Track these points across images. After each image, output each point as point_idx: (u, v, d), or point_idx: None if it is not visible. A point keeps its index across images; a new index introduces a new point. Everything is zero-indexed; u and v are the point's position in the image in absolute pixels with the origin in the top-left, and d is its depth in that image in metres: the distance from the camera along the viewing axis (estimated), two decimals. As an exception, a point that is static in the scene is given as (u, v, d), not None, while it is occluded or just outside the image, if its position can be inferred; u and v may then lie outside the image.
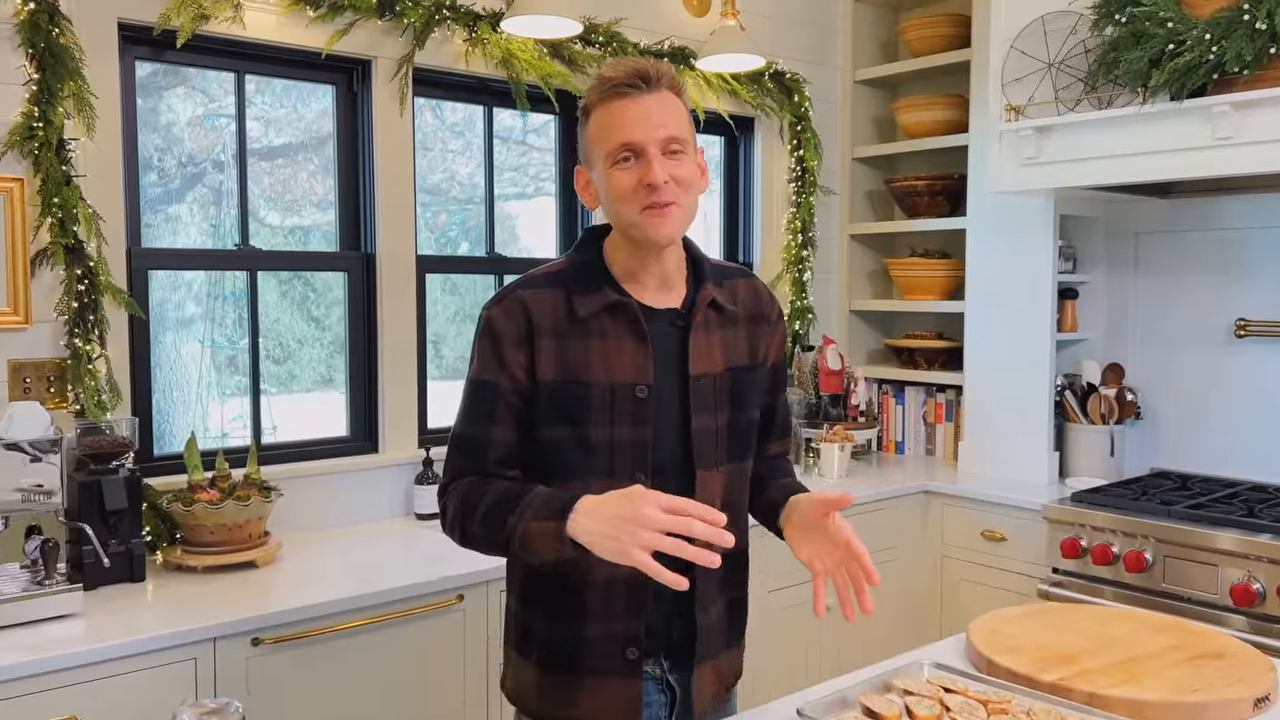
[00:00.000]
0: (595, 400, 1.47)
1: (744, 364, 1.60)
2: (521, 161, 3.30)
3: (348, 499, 2.75)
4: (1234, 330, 3.17)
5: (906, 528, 3.33)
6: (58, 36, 2.22)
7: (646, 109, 1.44)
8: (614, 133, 1.45)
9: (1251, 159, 2.53)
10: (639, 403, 1.48)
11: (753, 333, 1.63)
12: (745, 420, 1.61)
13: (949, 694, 1.48)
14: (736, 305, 1.60)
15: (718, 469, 1.56)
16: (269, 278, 2.77)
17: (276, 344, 2.83)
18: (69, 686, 1.81)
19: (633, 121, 1.44)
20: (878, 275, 4.12)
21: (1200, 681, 1.53)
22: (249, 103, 2.69)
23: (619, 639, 1.50)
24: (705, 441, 1.53)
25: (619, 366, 1.48)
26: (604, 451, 1.48)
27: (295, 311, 2.88)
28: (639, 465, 1.49)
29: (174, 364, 2.68)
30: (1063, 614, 1.84)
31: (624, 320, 1.50)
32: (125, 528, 2.19)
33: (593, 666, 1.50)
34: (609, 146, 1.46)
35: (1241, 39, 2.42)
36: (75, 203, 2.25)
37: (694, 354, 1.53)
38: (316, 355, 2.90)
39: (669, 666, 1.57)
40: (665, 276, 1.54)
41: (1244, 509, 2.76)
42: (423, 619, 2.24)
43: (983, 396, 3.49)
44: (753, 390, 1.62)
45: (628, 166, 1.45)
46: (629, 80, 1.45)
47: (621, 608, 1.49)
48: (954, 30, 3.71)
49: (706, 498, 1.53)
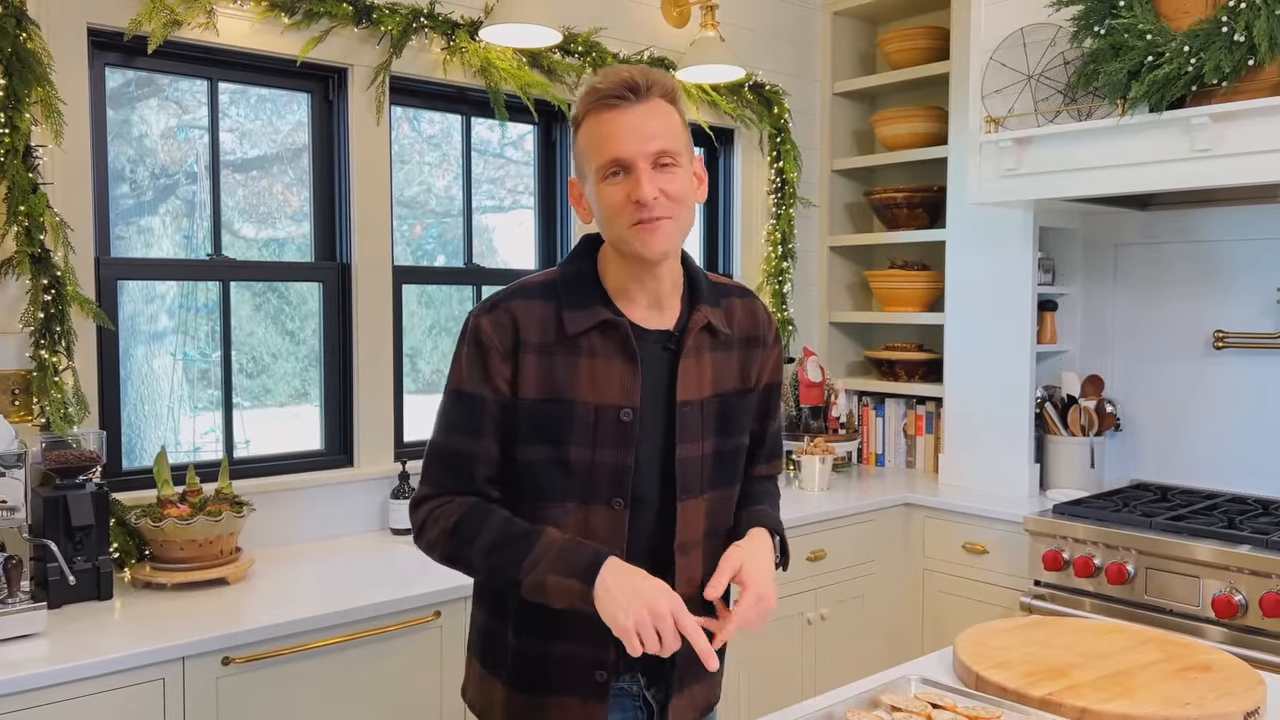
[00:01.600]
0: (578, 421, 1.43)
1: (734, 389, 1.56)
2: (499, 174, 3.27)
3: (322, 513, 2.70)
4: (1212, 342, 3.18)
5: (888, 541, 3.31)
6: (25, 41, 2.17)
7: (636, 121, 1.40)
8: (603, 147, 1.41)
9: (1230, 171, 2.54)
10: (623, 426, 1.44)
11: (746, 356, 1.58)
12: (732, 446, 1.57)
13: (937, 710, 1.46)
14: (732, 328, 1.56)
15: (701, 497, 1.52)
16: (243, 291, 2.73)
17: (250, 358, 2.78)
18: (32, 709, 1.75)
19: (621, 135, 1.39)
20: (857, 287, 4.11)
21: (1191, 695, 1.51)
22: (223, 114, 2.64)
23: (588, 661, 1.47)
24: (689, 470, 1.50)
25: (605, 388, 1.44)
26: (583, 474, 1.44)
27: (269, 325, 2.83)
28: (618, 490, 1.45)
29: (145, 377, 2.62)
30: (1048, 627, 1.82)
31: (615, 340, 1.45)
32: (92, 544, 2.13)
33: (561, 687, 1.47)
34: (599, 161, 1.41)
35: (1220, 51, 2.43)
36: (42, 211, 2.19)
37: (683, 380, 1.49)
38: (290, 369, 2.85)
39: (646, 684, 1.53)
40: (660, 294, 1.50)
41: (1224, 520, 2.75)
42: (399, 636, 2.19)
43: (963, 408, 3.48)
44: (743, 415, 1.58)
45: (617, 181, 1.41)
46: (618, 91, 1.40)
47: (590, 630, 1.43)
48: (932, 43, 3.72)
49: (688, 527, 1.50)
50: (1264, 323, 3.08)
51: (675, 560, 1.49)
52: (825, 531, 3.12)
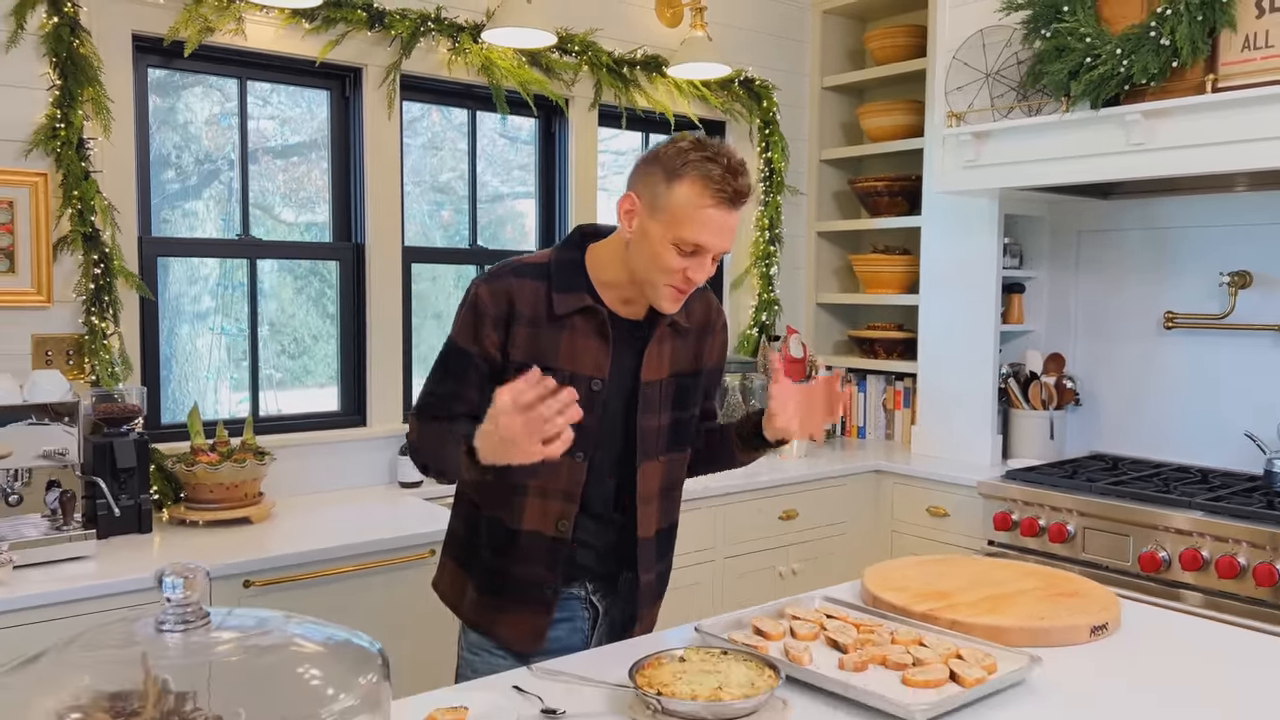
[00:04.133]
0: (556, 383, 1.72)
1: (688, 370, 1.85)
2: (529, 160, 3.56)
3: (336, 467, 3.02)
4: (1163, 323, 3.41)
5: (860, 504, 3.57)
6: (78, 47, 2.49)
7: (731, 224, 1.63)
8: (699, 230, 1.60)
9: (1162, 163, 2.77)
10: (593, 394, 1.73)
11: (699, 342, 1.88)
12: (686, 417, 1.87)
13: (830, 619, 1.73)
14: (689, 321, 1.85)
15: (658, 459, 1.82)
16: (284, 274, 3.04)
17: (292, 339, 3.09)
18: (83, 615, 2.08)
19: (718, 232, 1.62)
20: (843, 270, 4.36)
21: (1050, 612, 1.77)
22: (265, 102, 2.96)
23: (540, 583, 1.76)
24: (648, 438, 1.79)
25: (582, 360, 1.73)
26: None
27: (310, 307, 3.14)
28: (581, 445, 1.71)
29: (188, 353, 2.95)
30: (949, 563, 2.08)
31: (594, 323, 1.73)
32: (134, 484, 2.46)
33: (518, 597, 1.77)
34: (688, 235, 1.61)
35: (1148, 54, 2.66)
36: (93, 195, 2.52)
37: (647, 364, 1.77)
38: (331, 350, 3.15)
39: (592, 589, 1.82)
40: (634, 298, 1.77)
41: (1160, 486, 2.99)
42: (398, 569, 2.50)
43: (934, 384, 3.73)
44: (694, 391, 1.88)
45: (687, 255, 1.63)
46: (733, 195, 1.61)
47: (545, 558, 1.75)
48: (913, 40, 3.95)
49: (646, 483, 1.80)
50: (1210, 304, 3.30)
51: (638, 509, 1.79)
52: (799, 493, 3.39)
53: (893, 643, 1.62)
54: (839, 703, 1.45)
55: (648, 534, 1.81)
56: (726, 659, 1.50)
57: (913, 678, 1.48)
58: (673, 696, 1.37)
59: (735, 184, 1.61)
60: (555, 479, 1.74)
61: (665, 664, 1.49)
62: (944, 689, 1.46)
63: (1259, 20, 2.56)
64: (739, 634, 1.69)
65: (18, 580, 2.09)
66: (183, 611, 1.02)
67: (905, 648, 1.58)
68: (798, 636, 1.67)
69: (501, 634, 1.79)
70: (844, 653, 1.58)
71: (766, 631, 1.68)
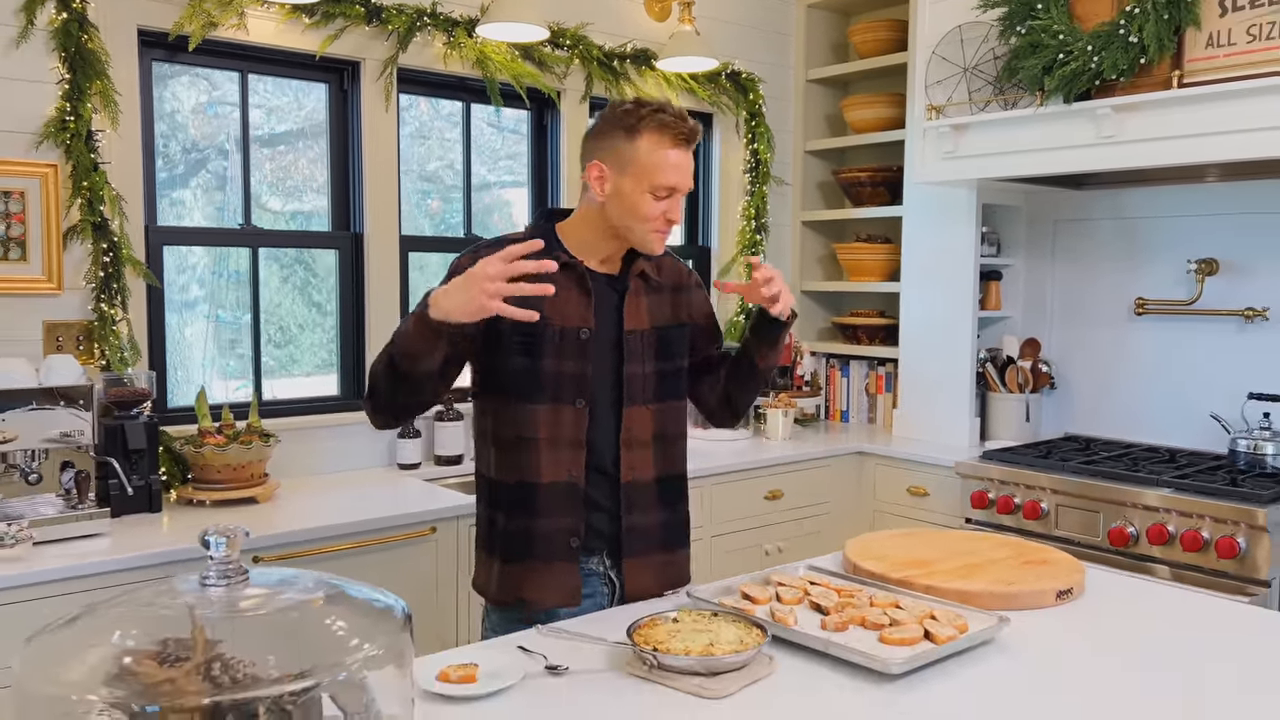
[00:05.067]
0: (547, 339, 1.85)
1: (669, 323, 1.98)
2: (518, 150, 3.65)
3: (337, 450, 3.11)
4: (1134, 309, 3.54)
5: (843, 485, 3.69)
6: (86, 42, 2.57)
7: (689, 164, 1.84)
8: (666, 174, 1.80)
9: (1131, 155, 2.89)
10: (582, 343, 1.86)
11: (675, 299, 2.01)
12: (673, 368, 1.99)
13: (814, 586, 1.85)
14: (662, 277, 1.99)
15: (646, 406, 1.93)
16: (270, 264, 3.13)
17: (278, 328, 3.17)
18: (100, 589, 2.17)
19: (682, 169, 1.82)
20: (827, 259, 4.48)
21: (1019, 578, 1.89)
22: (252, 92, 3.04)
23: (563, 532, 1.87)
24: (634, 384, 1.91)
25: (567, 313, 1.86)
26: (551, 381, 1.86)
27: (296, 296, 3.22)
28: (580, 393, 1.86)
29: (176, 339, 3.03)
30: (927, 536, 2.20)
31: (573, 277, 1.87)
32: (144, 465, 2.55)
33: (541, 554, 1.87)
34: (659, 181, 1.80)
35: (1118, 51, 2.77)
36: (102, 186, 2.61)
37: (627, 312, 1.91)
38: (317, 340, 3.24)
39: (610, 565, 1.93)
40: (610, 255, 1.92)
41: (1130, 465, 3.12)
42: (400, 546, 2.61)
43: (915, 369, 3.85)
44: (679, 343, 2.00)
45: (662, 200, 1.82)
46: (688, 136, 1.82)
47: (564, 507, 1.86)
48: (895, 34, 4.06)
49: (632, 428, 1.91)
50: (1177, 291, 3.43)
51: (620, 452, 1.89)
52: (784, 474, 3.51)
53: (871, 605, 1.73)
54: (821, 659, 1.56)
55: (630, 478, 1.90)
56: (717, 620, 1.61)
57: (889, 636, 1.59)
58: (668, 652, 1.48)
59: (687, 126, 1.81)
60: (560, 427, 1.86)
61: (660, 624, 1.60)
62: (918, 646, 1.57)
63: (1222, 19, 2.68)
64: (728, 599, 1.80)
65: (36, 556, 2.18)
66: (225, 568, 1.13)
67: (883, 610, 1.70)
68: (783, 601, 1.78)
69: (533, 596, 1.86)
70: (826, 615, 1.70)
71: (754, 596, 1.79)
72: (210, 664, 1.08)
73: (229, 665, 1.07)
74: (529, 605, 1.86)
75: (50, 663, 1.04)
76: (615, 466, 1.90)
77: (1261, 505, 2.69)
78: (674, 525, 2.01)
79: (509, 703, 1.42)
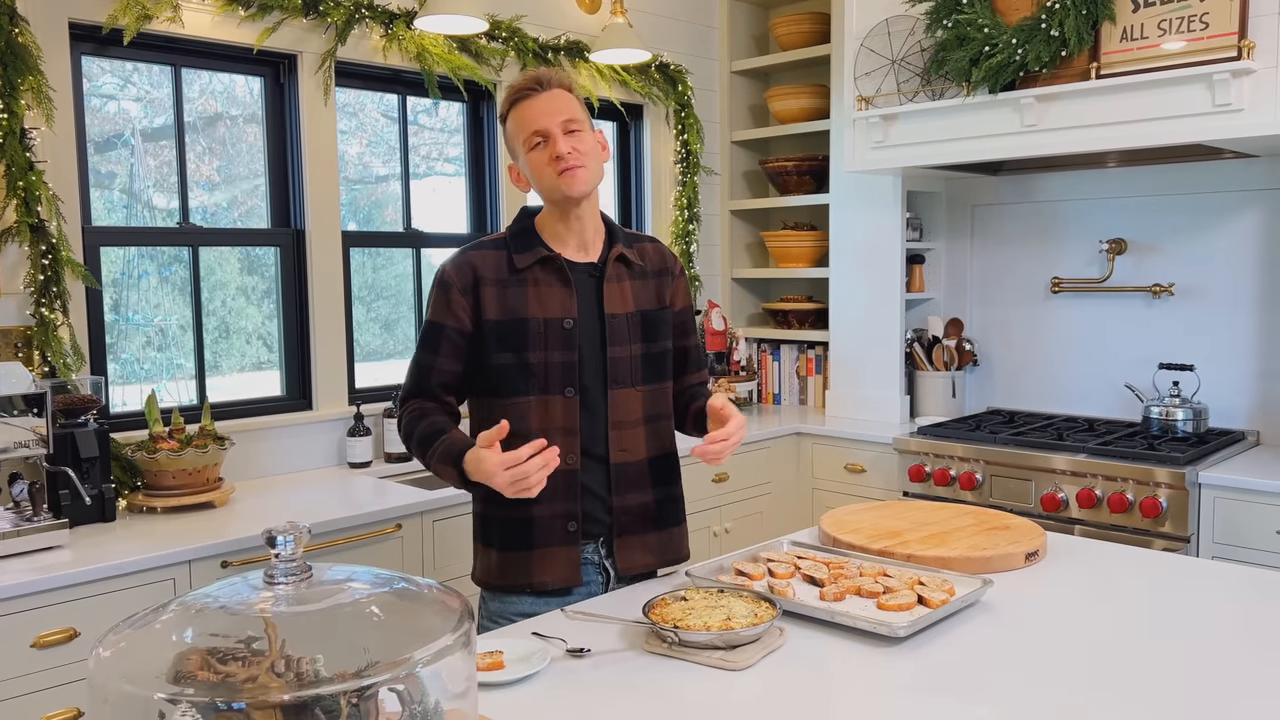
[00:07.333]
0: (532, 332, 1.88)
1: (652, 307, 2.02)
2: (441, 140, 3.62)
3: (287, 451, 3.06)
4: (1050, 287, 3.75)
5: (782, 465, 3.81)
6: (17, 35, 2.47)
7: (546, 103, 1.88)
8: (526, 125, 1.88)
9: (1053, 142, 3.06)
10: (566, 333, 1.90)
11: (659, 283, 2.05)
12: (657, 350, 2.03)
13: (802, 559, 1.93)
14: (644, 262, 2.03)
15: (634, 388, 1.97)
16: (213, 268, 3.05)
17: (219, 326, 3.09)
18: (66, 603, 2.11)
19: (537, 114, 1.87)
20: (755, 247, 4.59)
21: (989, 544, 2.01)
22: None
23: (561, 516, 1.91)
24: (620, 366, 1.95)
25: (550, 305, 1.90)
26: (540, 373, 1.89)
27: (237, 295, 3.14)
28: (569, 382, 1.90)
29: (128, 336, 2.94)
30: (890, 508, 2.31)
31: (553, 270, 1.91)
32: (96, 474, 2.47)
33: (540, 539, 1.90)
34: (524, 136, 1.89)
35: (1040, 44, 2.93)
36: (38, 186, 2.50)
37: (608, 297, 1.94)
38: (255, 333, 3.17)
39: (605, 554, 1.97)
40: (584, 238, 1.96)
41: (1054, 435, 3.32)
42: (368, 544, 2.59)
43: (845, 350, 3.99)
44: (662, 326, 2.03)
45: (541, 148, 1.88)
46: (529, 85, 1.89)
47: (561, 493, 1.90)
48: (817, 27, 4.18)
49: (619, 410, 1.94)
50: (1091, 270, 3.65)
51: (609, 435, 1.93)
52: (729, 458, 3.58)
53: (861, 575, 1.83)
54: (826, 627, 1.64)
55: (620, 459, 1.95)
56: (725, 596, 1.68)
57: (886, 603, 1.69)
58: (689, 629, 1.54)
59: (532, 78, 1.89)
60: (551, 418, 1.90)
61: (671, 603, 1.65)
62: (914, 610, 1.67)
63: (1135, 14, 2.86)
64: (724, 577, 1.86)
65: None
66: (290, 565, 1.14)
67: (874, 579, 1.79)
68: (776, 576, 1.86)
69: (536, 577, 1.90)
70: (821, 586, 1.78)
71: (748, 573, 1.86)
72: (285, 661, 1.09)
73: (297, 662, 1.08)
74: (534, 586, 1.90)
75: (127, 661, 1.04)
76: (608, 450, 1.94)
77: (1179, 466, 2.90)
78: (668, 502, 2.06)
79: (543, 685, 1.45)
